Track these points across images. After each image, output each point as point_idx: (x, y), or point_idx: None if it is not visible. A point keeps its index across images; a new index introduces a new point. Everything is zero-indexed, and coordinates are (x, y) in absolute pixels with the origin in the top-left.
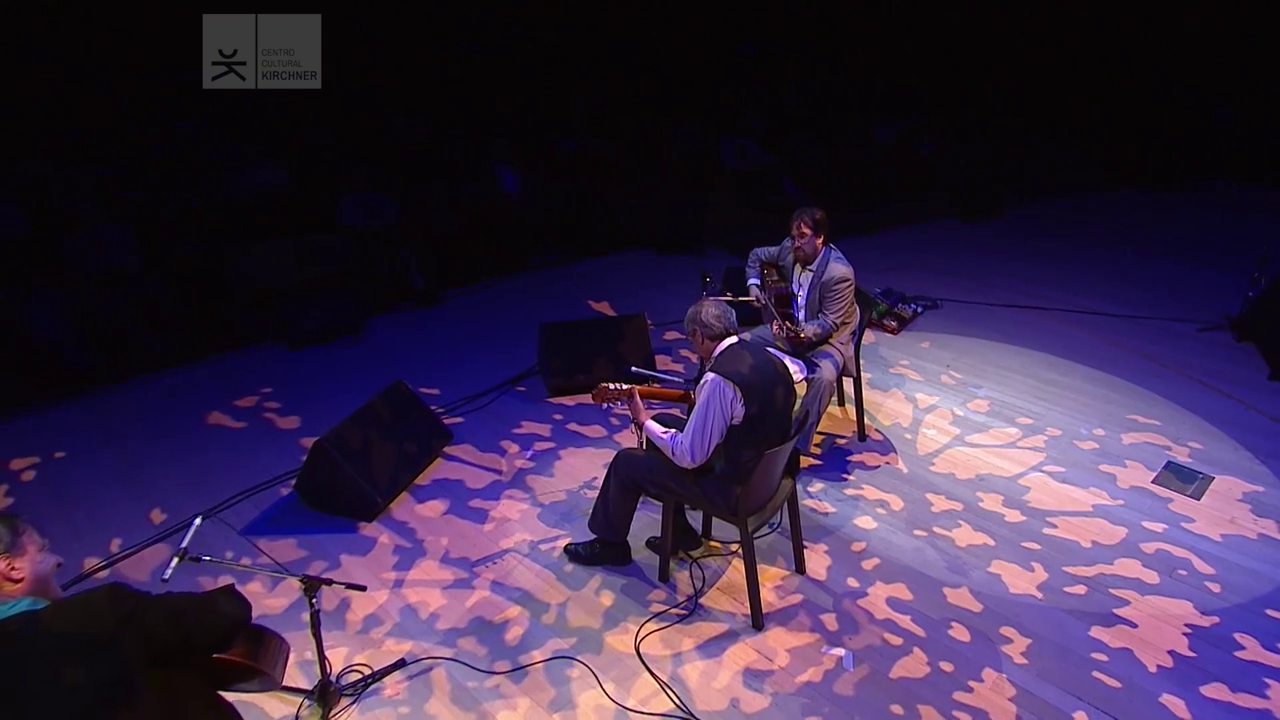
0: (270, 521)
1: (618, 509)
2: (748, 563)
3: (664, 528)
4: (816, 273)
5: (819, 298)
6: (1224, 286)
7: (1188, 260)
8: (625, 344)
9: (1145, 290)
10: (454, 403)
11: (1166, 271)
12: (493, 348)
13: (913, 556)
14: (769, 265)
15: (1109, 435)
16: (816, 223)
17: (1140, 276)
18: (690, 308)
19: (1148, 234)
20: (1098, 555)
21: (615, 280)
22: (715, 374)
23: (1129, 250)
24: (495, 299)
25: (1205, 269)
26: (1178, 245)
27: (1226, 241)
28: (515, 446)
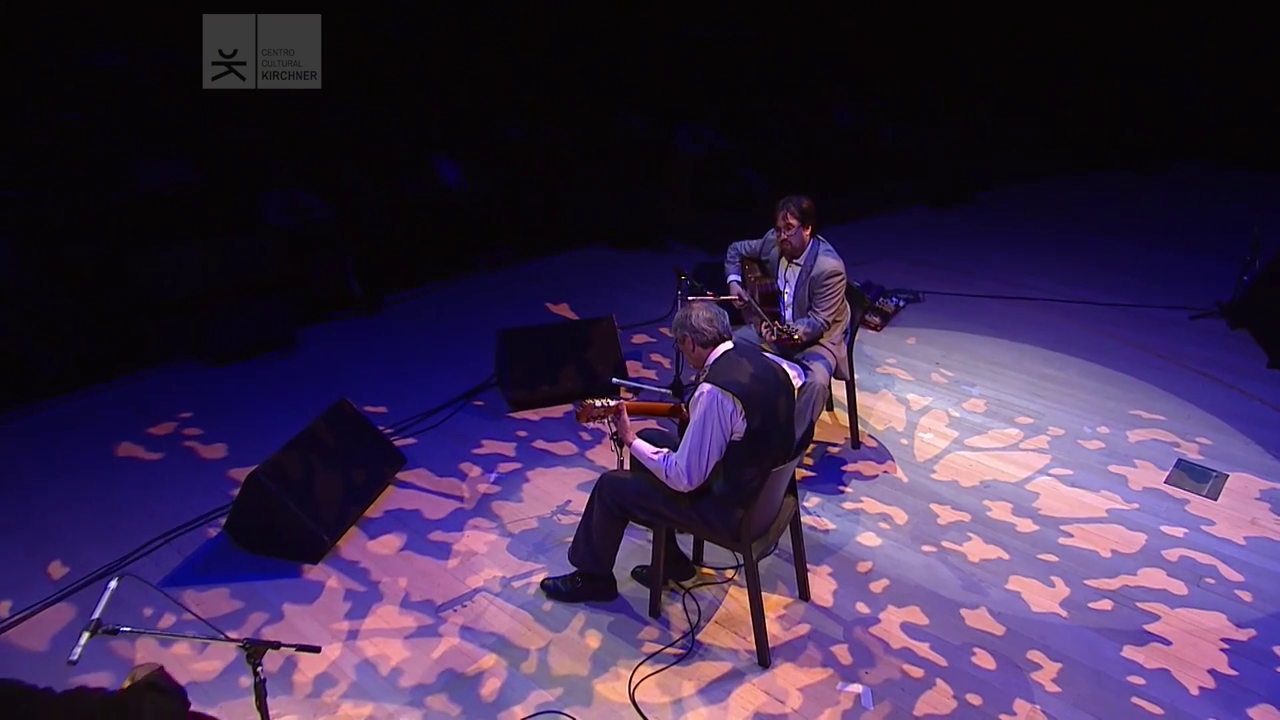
0: (197, 569)
1: (602, 538)
2: (752, 594)
3: (655, 557)
4: (804, 267)
5: (808, 294)
6: (1210, 271)
7: (1169, 245)
8: (593, 350)
9: (1130, 277)
10: (404, 421)
11: (1149, 257)
12: (443, 358)
13: (924, 575)
14: (750, 260)
15: (1114, 433)
16: (804, 212)
17: (1123, 263)
18: (678, 312)
19: (1124, 218)
20: (1119, 565)
21: (573, 279)
22: (712, 385)
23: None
24: (442, 304)
25: (1188, 253)
26: (1156, 229)
27: (1205, 224)
28: (477, 469)
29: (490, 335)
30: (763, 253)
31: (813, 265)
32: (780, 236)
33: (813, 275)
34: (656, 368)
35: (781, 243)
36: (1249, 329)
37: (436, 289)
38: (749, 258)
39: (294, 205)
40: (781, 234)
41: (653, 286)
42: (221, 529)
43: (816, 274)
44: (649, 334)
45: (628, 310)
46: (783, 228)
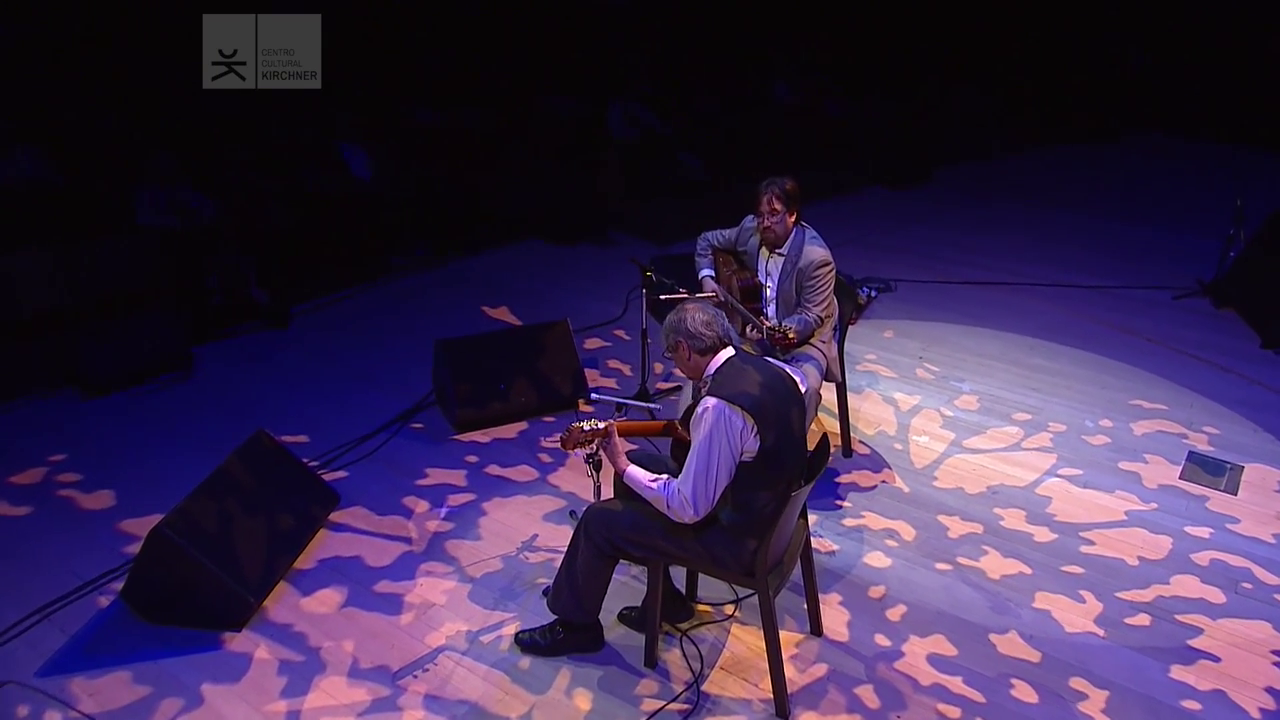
0: (87, 650)
1: (590, 581)
2: (769, 635)
3: (650, 598)
4: (789, 258)
5: (795, 288)
6: (1186, 248)
7: (1139, 221)
8: (547, 359)
9: (1105, 256)
10: (330, 452)
11: (1121, 234)
12: (369, 375)
13: (943, 598)
14: (724, 252)
15: (1118, 426)
16: (788, 196)
17: (1096, 241)
18: (669, 317)
19: (1089, 193)
20: (1149, 574)
21: (508, 280)
22: (717, 399)
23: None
24: (360, 312)
25: (1160, 229)
26: (1123, 205)
27: (1173, 198)
28: (423, 503)
29: (422, 346)
30: (739, 243)
31: (799, 255)
32: (762, 224)
33: (799, 267)
34: (615, 375)
35: (764, 231)
36: (1235, 308)
37: (351, 295)
38: (723, 249)
39: (175, 203)
40: (764, 221)
41: (599, 284)
42: (117, 597)
43: (804, 265)
44: (602, 338)
45: (575, 312)
46: (765, 213)
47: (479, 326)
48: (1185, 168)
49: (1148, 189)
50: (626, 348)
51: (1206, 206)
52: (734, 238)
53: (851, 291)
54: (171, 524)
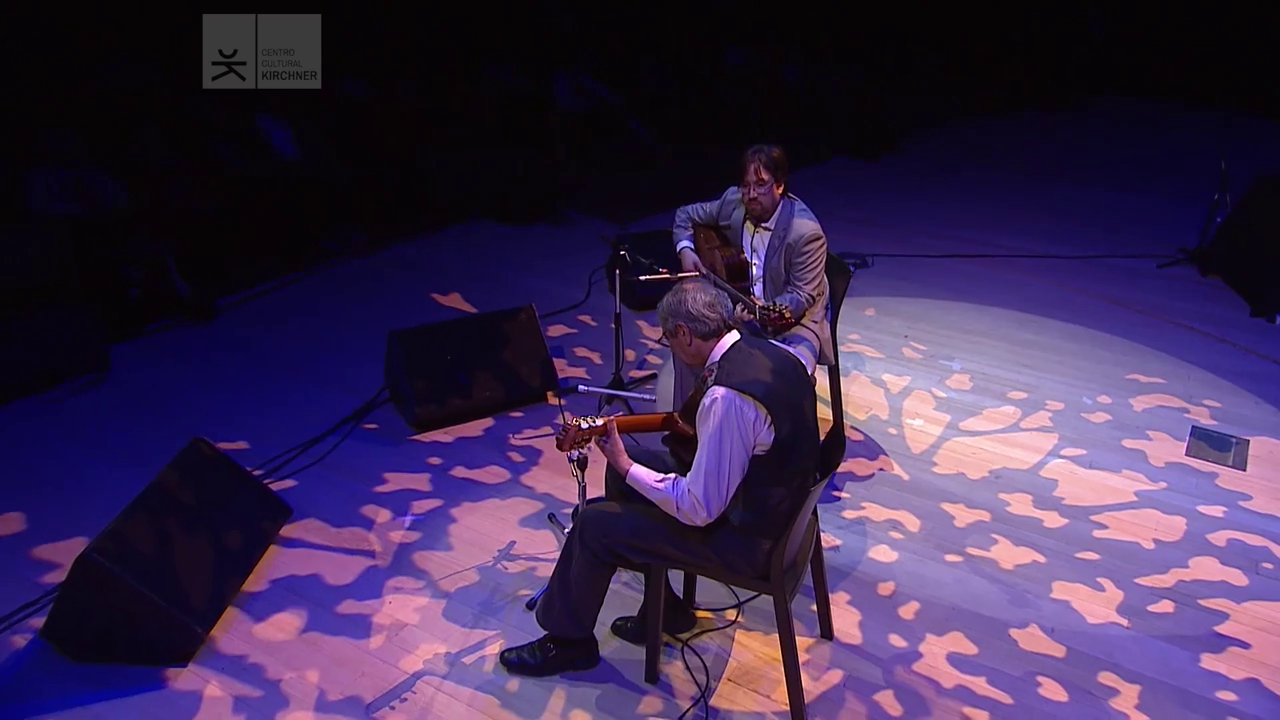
0: (8, 695)
1: (585, 592)
2: (785, 643)
3: (650, 607)
4: (776, 232)
5: (784, 265)
6: (1165, 214)
7: (1115, 188)
8: (511, 348)
9: (1084, 225)
10: (275, 459)
11: (1098, 201)
12: (310, 373)
13: (956, 592)
14: (706, 227)
15: (1116, 402)
16: (776, 165)
17: (1073, 209)
18: (665, 298)
19: (1060, 160)
20: (1167, 557)
21: (457, 264)
22: (726, 388)
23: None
24: (294, 304)
25: (1137, 196)
26: (1097, 171)
27: (1146, 164)
28: (385, 512)
29: (370, 339)
30: (721, 216)
31: (787, 230)
32: (748, 195)
33: (788, 242)
34: (584, 364)
35: (749, 203)
36: (1221, 275)
37: (283, 285)
38: (704, 224)
39: (78, 187)
40: (750, 192)
41: (559, 266)
42: (36, 635)
43: (793, 240)
44: (567, 324)
45: (535, 296)
46: (752, 184)
47: (431, 316)
48: (1154, 133)
49: (1119, 155)
50: (594, 334)
51: (1182, 172)
52: (716, 211)
53: (844, 267)
54: (102, 548)
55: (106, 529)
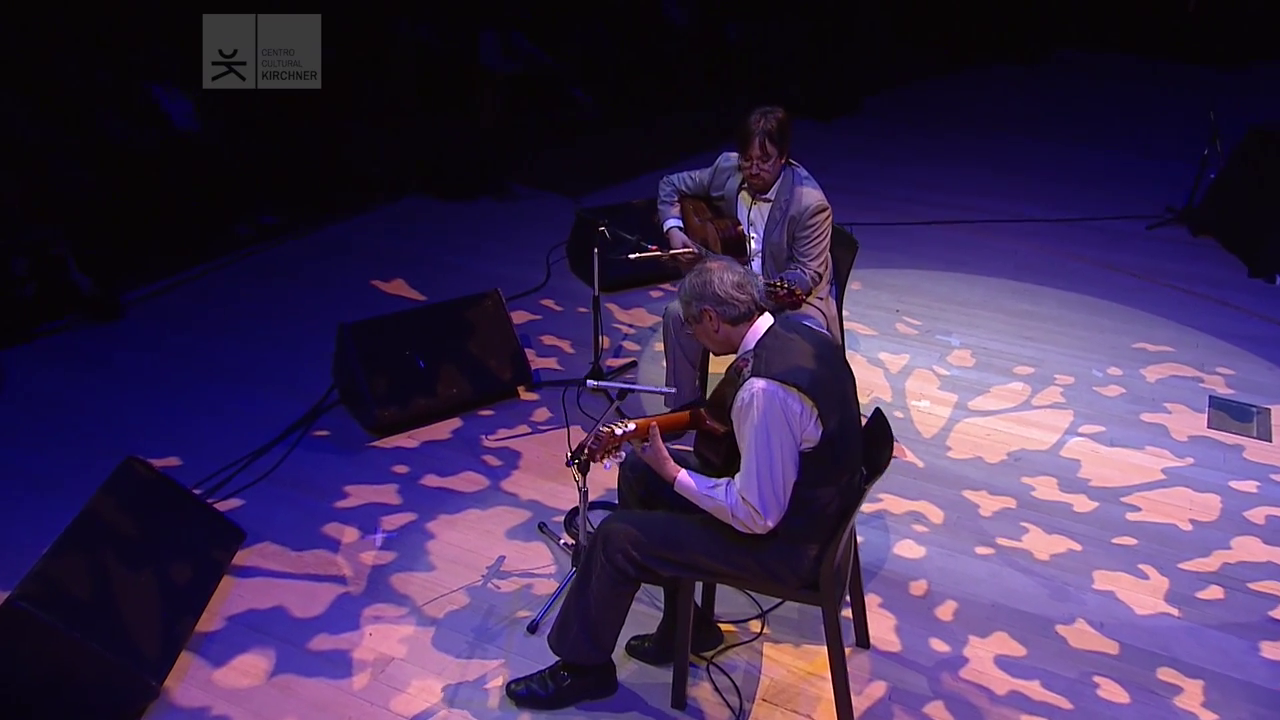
0: None
1: (606, 613)
2: (834, 659)
3: (678, 625)
4: (778, 204)
5: (786, 239)
6: (1145, 171)
7: (1091, 145)
8: (477, 339)
9: (1066, 185)
10: (214, 476)
11: (1075, 160)
12: (243, 373)
13: (993, 588)
14: (695, 198)
15: (1128, 374)
16: (781, 134)
17: (1050, 169)
18: (687, 279)
19: (1031, 117)
20: (1207, 539)
21: (394, 246)
22: (768, 379)
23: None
24: (213, 296)
25: (1115, 153)
26: (1071, 128)
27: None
28: (351, 530)
29: (305, 332)
30: (713, 185)
31: (790, 201)
32: (750, 171)
33: (791, 214)
34: (554, 353)
35: (750, 178)
36: (1214, 235)
37: (197, 276)
38: (693, 195)
39: None
40: (753, 168)
41: (509, 246)
42: None
43: (797, 212)
44: (528, 309)
45: (488, 280)
46: (756, 159)
47: (374, 305)
48: (1122, 86)
49: (1089, 111)
50: (560, 319)
51: (1157, 126)
52: (707, 180)
53: (850, 239)
54: (29, 594)
55: (32, 570)
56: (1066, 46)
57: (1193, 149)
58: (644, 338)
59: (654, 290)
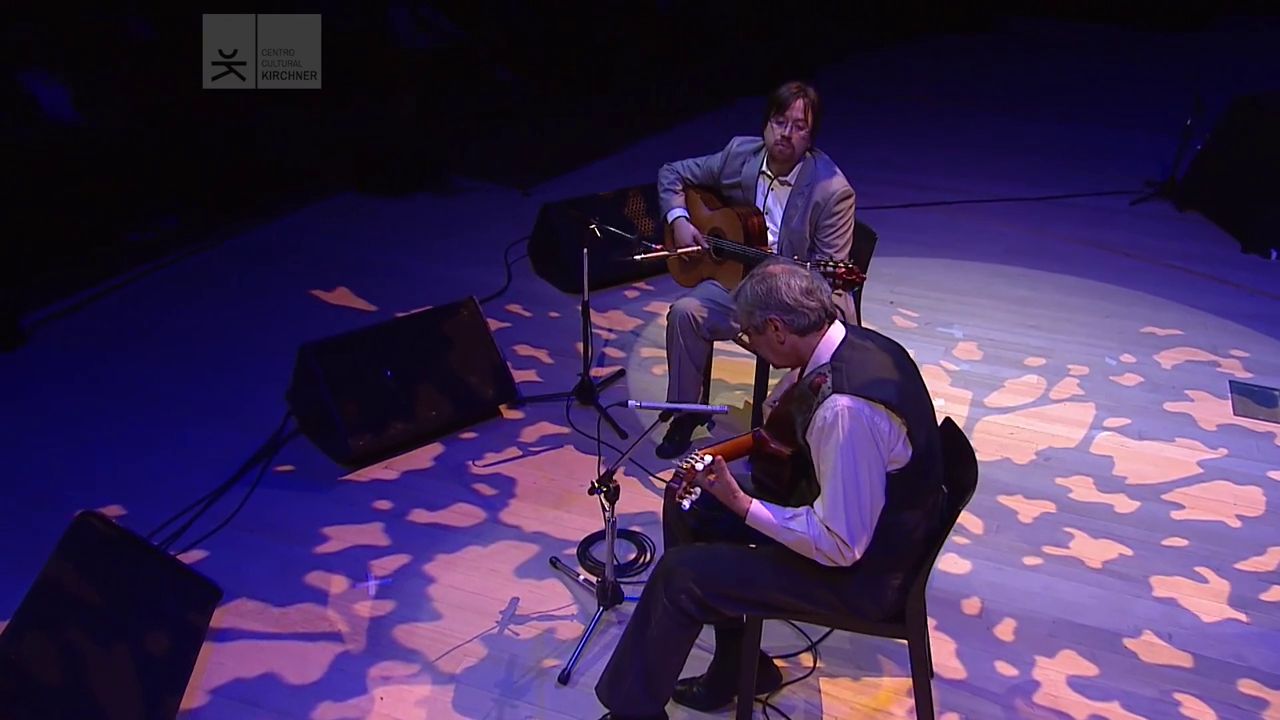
0: None
1: (667, 658)
2: (922, 697)
3: (745, 667)
4: (798, 189)
5: (809, 227)
6: (1120, 144)
7: (1055, 117)
8: (456, 354)
9: (1040, 161)
10: (167, 525)
11: (1047, 134)
12: (181, 404)
13: (1049, 602)
14: (700, 189)
15: (1142, 361)
16: (819, 108)
17: (1024, 144)
18: (748, 286)
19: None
20: (1259, 535)
21: (329, 250)
22: (851, 396)
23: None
24: (125, 314)
25: (1081, 124)
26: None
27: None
28: (339, 579)
29: (244, 353)
30: (725, 173)
31: (812, 186)
32: (782, 133)
33: (815, 200)
34: (532, 364)
35: (779, 144)
36: (1199, 210)
37: (103, 293)
38: (698, 185)
39: None
40: (788, 131)
41: (461, 245)
42: None
43: (822, 199)
44: (494, 316)
45: (443, 285)
46: (794, 122)
47: (318, 320)
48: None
49: (1052, 81)
50: (531, 326)
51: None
52: (718, 166)
53: (867, 229)
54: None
55: None
56: (1010, 13)
57: (1162, 118)
58: (627, 343)
59: (629, 290)
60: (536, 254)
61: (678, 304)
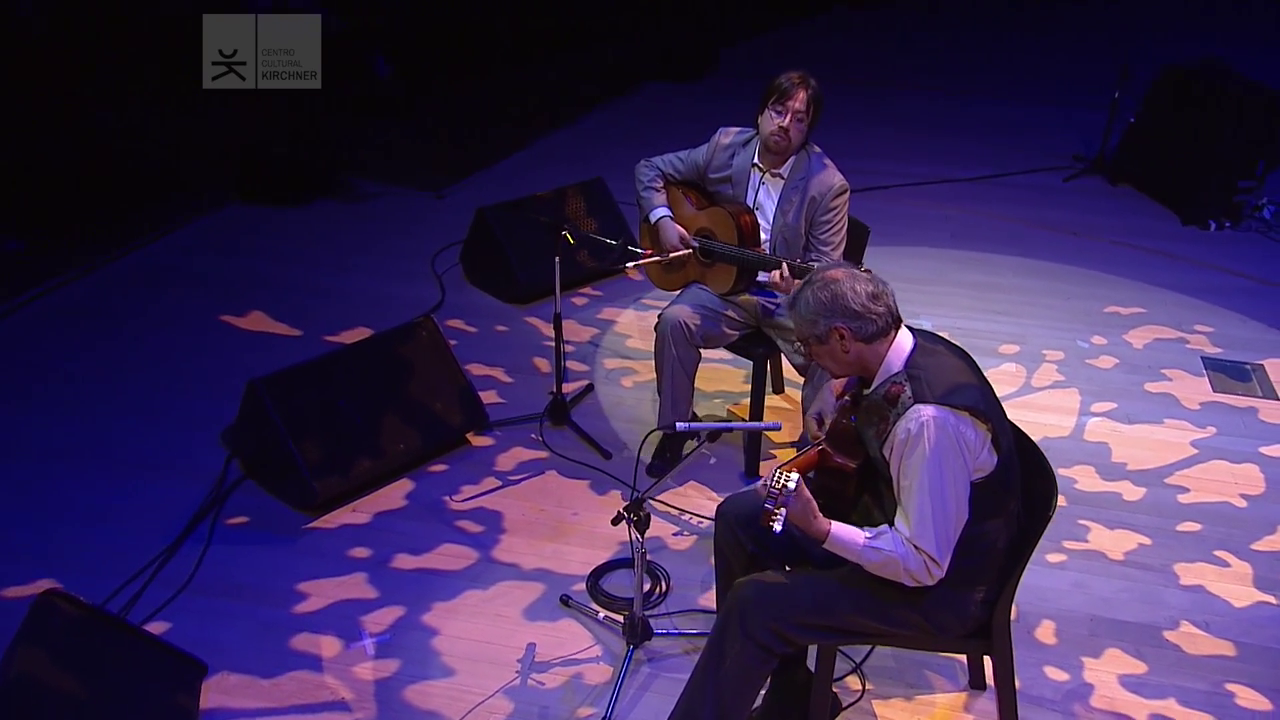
0: None
1: (741, 697)
2: (1006, 714)
3: (817, 697)
4: (792, 182)
5: (804, 224)
6: (1040, 119)
7: (970, 93)
8: (417, 380)
9: (966, 140)
10: (115, 595)
11: (964, 111)
12: (92, 455)
13: (1082, 600)
14: (682, 186)
15: (1114, 342)
16: (820, 100)
17: (946, 122)
18: (808, 293)
19: (904, 65)
20: (1266, 513)
21: (230, 269)
22: (935, 405)
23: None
24: None
25: (999, 101)
26: (949, 76)
27: (990, 63)
28: (329, 641)
29: (153, 391)
30: (712, 166)
31: (807, 181)
32: (779, 124)
33: (812, 195)
34: (491, 384)
35: (775, 134)
36: (1133, 183)
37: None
38: (683, 180)
39: None
40: (786, 121)
41: (381, 258)
42: None
43: (818, 194)
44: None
45: (369, 303)
46: (793, 112)
47: (238, 349)
48: (982, 31)
49: (948, 52)
50: (479, 342)
51: (1032, 70)
52: (703, 160)
53: (860, 225)
54: None
55: None
56: None
57: (1074, 94)
58: (586, 354)
59: (576, 297)
60: (471, 262)
61: (668, 312)
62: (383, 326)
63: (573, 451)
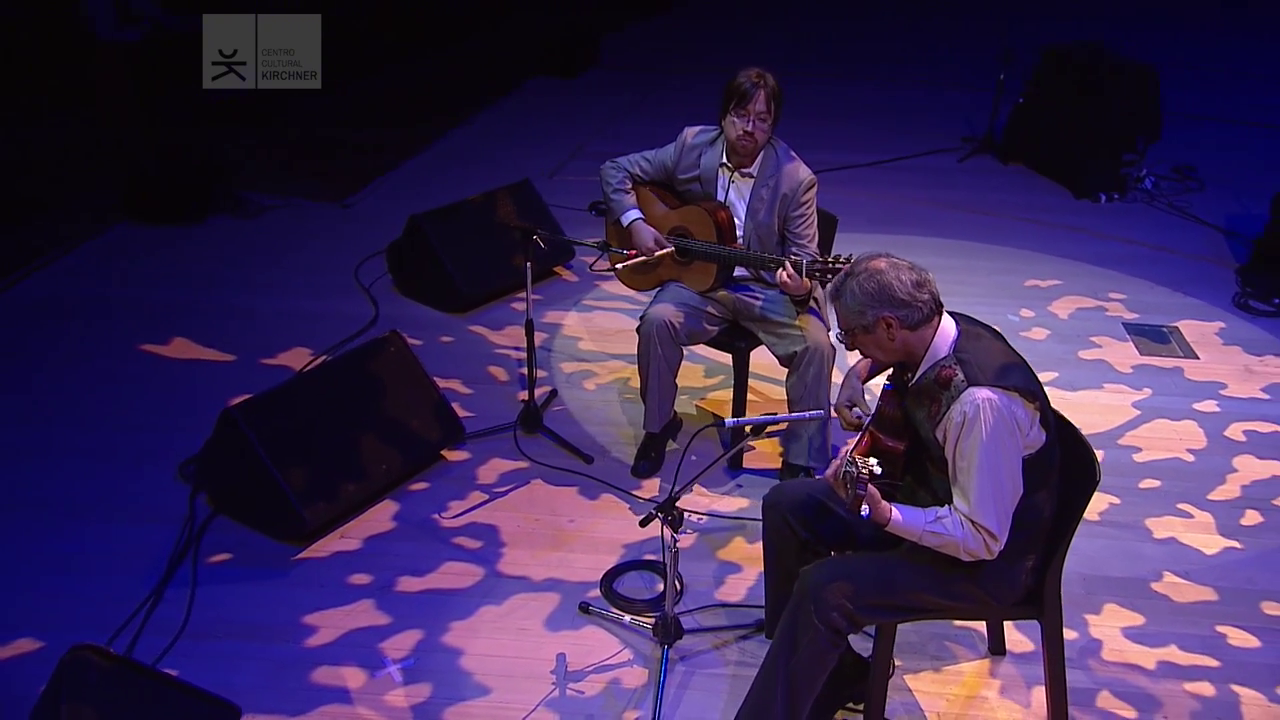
0: None
1: (810, 684)
2: (1053, 677)
3: (876, 677)
4: (762, 180)
5: (778, 220)
6: (916, 101)
7: (842, 74)
8: (391, 397)
9: (856, 124)
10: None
11: (844, 94)
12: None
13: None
14: (651, 186)
15: (1040, 314)
16: (780, 96)
17: (830, 107)
18: (854, 283)
19: (771, 48)
20: (1214, 466)
21: (135, 296)
22: (989, 388)
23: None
24: None
25: (881, 84)
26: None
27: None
28: (356, 671)
29: (83, 431)
30: (680, 167)
31: (777, 178)
32: (744, 129)
33: (783, 192)
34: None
35: (742, 139)
36: (1023, 161)
37: None
38: (650, 182)
39: None
40: (752, 123)
41: (298, 274)
42: None
43: (789, 190)
44: None
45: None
46: (755, 116)
47: (169, 380)
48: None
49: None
50: (429, 355)
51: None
52: (671, 160)
53: (828, 215)
54: None
55: None
56: None
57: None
58: (541, 360)
59: (515, 302)
60: (403, 273)
61: (652, 313)
62: (319, 345)
63: (552, 459)
